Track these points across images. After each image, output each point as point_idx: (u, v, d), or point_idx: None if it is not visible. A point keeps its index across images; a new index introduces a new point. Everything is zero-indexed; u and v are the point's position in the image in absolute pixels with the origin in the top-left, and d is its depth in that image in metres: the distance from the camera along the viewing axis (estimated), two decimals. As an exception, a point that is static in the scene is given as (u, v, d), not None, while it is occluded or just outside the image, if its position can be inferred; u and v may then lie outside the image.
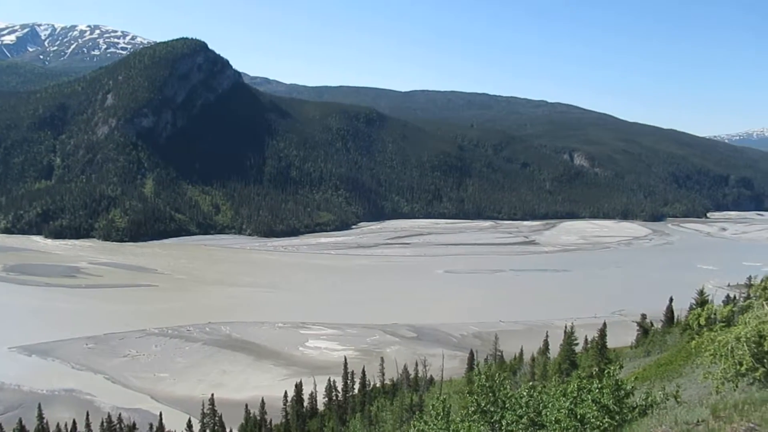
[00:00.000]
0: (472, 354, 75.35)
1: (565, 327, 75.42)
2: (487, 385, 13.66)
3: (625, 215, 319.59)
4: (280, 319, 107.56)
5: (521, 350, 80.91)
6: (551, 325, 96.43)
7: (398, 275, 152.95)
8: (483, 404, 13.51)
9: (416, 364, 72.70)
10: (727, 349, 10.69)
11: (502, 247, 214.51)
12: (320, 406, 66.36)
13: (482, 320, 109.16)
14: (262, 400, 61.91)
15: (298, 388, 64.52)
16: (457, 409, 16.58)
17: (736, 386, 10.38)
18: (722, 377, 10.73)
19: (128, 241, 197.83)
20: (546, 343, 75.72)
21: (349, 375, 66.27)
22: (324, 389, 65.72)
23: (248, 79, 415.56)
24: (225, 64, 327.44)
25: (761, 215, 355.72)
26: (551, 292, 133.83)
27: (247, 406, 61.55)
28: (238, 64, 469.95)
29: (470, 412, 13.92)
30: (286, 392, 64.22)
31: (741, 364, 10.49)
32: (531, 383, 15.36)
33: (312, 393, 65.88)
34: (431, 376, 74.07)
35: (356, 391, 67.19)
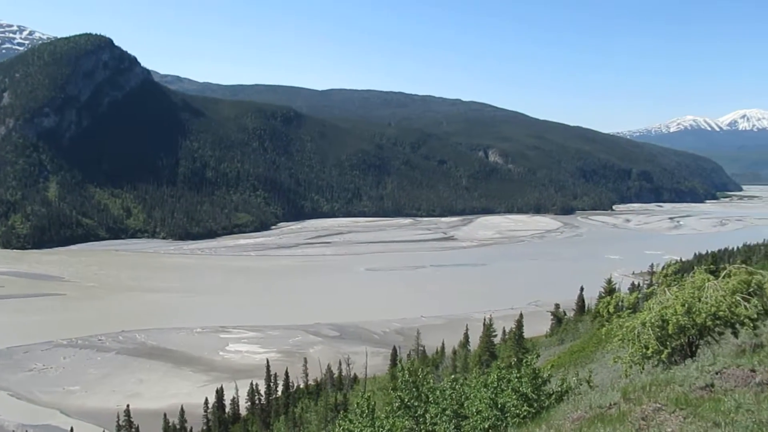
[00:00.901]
0: (395, 350, 76.02)
1: (484, 319, 77.67)
2: (410, 380, 13.82)
3: (538, 209, 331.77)
4: (199, 324, 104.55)
5: (443, 344, 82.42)
6: (471, 318, 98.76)
7: (320, 275, 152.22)
8: (407, 399, 13.65)
9: (340, 363, 72.59)
10: (634, 334, 11.31)
11: (421, 243, 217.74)
12: (243, 411, 65.05)
13: (404, 316, 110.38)
14: (182, 408, 59.92)
15: (219, 393, 63.02)
16: (382, 406, 16.68)
17: (643, 368, 11.02)
18: (630, 361, 11.36)
19: (31, 249, 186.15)
20: (466, 336, 77.44)
21: (271, 377, 65.33)
22: (246, 393, 64.43)
23: (158, 77, 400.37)
24: (133, 61, 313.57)
25: (660, 206, 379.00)
26: (470, 286, 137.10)
27: (165, 415, 59.38)
28: (146, 62, 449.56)
29: (394, 407, 14.04)
30: (206, 399, 62.54)
31: (647, 348, 11.13)
32: (453, 376, 15.67)
33: (234, 398, 64.48)
34: (355, 374, 74.23)
35: (280, 393, 66.32)
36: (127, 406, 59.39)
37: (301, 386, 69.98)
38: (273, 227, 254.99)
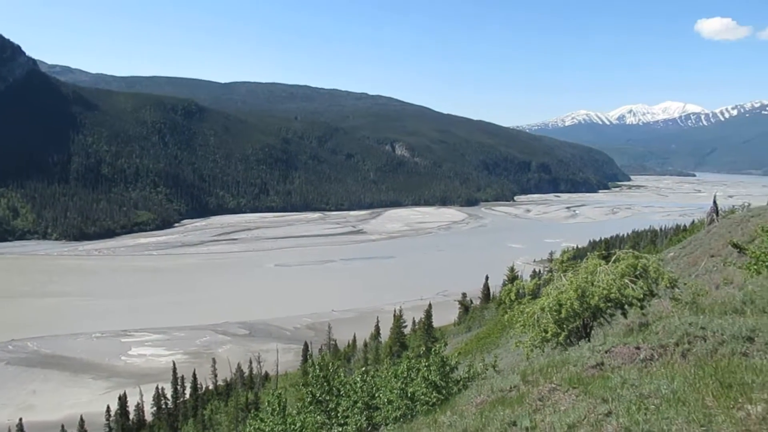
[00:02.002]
0: (306, 345, 75.69)
1: (394, 311, 78.92)
2: (321, 375, 13.85)
3: (444, 201, 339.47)
4: (98, 329, 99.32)
5: (354, 337, 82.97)
6: (381, 310, 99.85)
7: (227, 272, 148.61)
8: (318, 394, 13.68)
9: (250, 362, 71.43)
10: (534, 319, 11.88)
11: (331, 237, 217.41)
12: (149, 417, 62.61)
13: (315, 311, 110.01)
14: (81, 419, 56.83)
15: (122, 400, 60.34)
16: (294, 402, 16.61)
17: (543, 351, 11.61)
18: (531, 344, 11.93)
19: None
20: (377, 328, 78.35)
21: (178, 380, 63.28)
22: (152, 398, 62.06)
23: (45, 68, 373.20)
24: (16, 50, 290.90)
25: (558, 197, 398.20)
26: (380, 279, 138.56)
27: (63, 426, 56.14)
28: (32, 52, 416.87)
29: (306, 403, 14.04)
30: (108, 406, 59.65)
31: (546, 331, 11.73)
32: (364, 368, 15.83)
33: (139, 404, 61.90)
34: (266, 372, 73.27)
35: (188, 396, 64.38)
36: (20, 419, 55.71)
37: (210, 387, 68.30)
38: (176, 225, 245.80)
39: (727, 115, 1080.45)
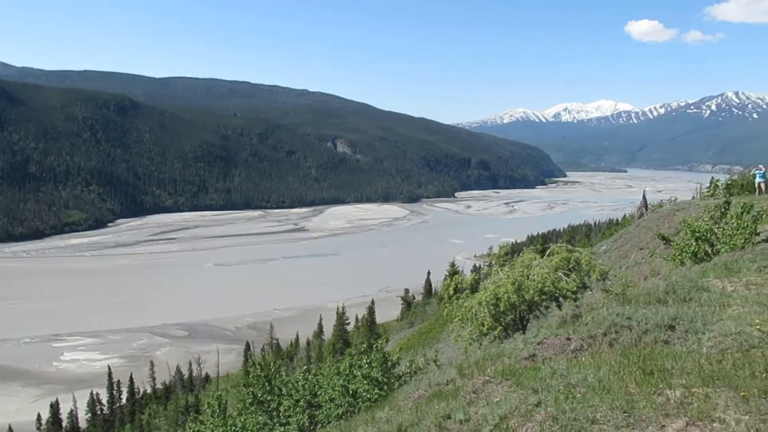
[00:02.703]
0: (248, 345, 74.71)
1: (337, 308, 78.76)
2: (263, 374, 13.75)
3: (386, 198, 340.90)
4: (27, 334, 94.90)
5: (297, 336, 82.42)
6: (324, 307, 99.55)
7: (165, 272, 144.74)
8: (259, 394, 13.58)
9: (190, 364, 69.93)
10: (472, 313, 12.13)
11: (272, 235, 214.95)
12: (83, 424, 60.40)
13: (257, 310, 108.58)
14: (9, 428, 54.31)
15: (54, 407, 58.03)
16: (235, 404, 16.39)
17: (480, 345, 11.86)
18: (469, 338, 12.18)
19: None
20: (320, 326, 78.17)
21: (114, 385, 61.30)
22: (86, 404, 59.88)
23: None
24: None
25: (497, 193, 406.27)
26: (323, 276, 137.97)
27: (-10, 438, 53.53)
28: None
29: (247, 404, 13.90)
30: (39, 414, 57.18)
31: (483, 325, 12.00)
32: (305, 367, 15.77)
33: (72, 410, 59.59)
34: (207, 373, 71.91)
35: (124, 401, 62.46)
36: (-59, 432, 52.74)
37: (149, 391, 66.48)
38: (110, 225, 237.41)
39: (655, 114, 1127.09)
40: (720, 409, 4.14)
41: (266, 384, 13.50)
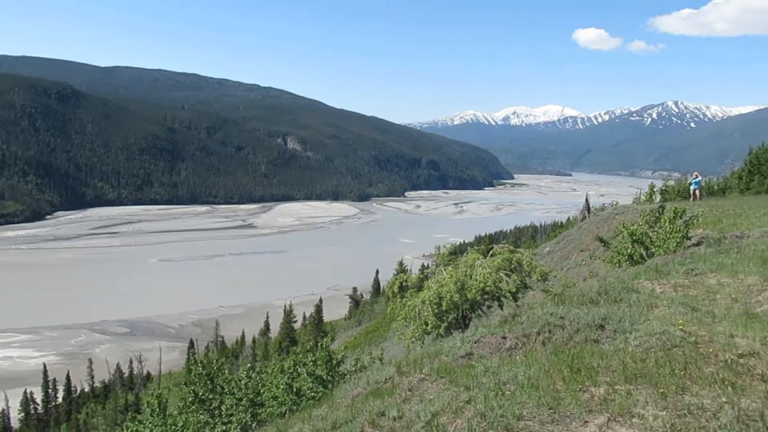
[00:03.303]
0: (192, 343, 73.35)
1: (285, 306, 78.15)
2: (205, 373, 13.56)
3: (336, 196, 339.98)
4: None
5: (243, 333, 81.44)
6: (271, 305, 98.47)
7: (106, 268, 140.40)
8: (201, 393, 13.39)
9: (131, 362, 68.17)
10: (416, 311, 12.29)
11: (219, 231, 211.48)
12: (15, 424, 58.06)
13: (202, 307, 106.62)
14: (-65, 430, 51.79)
15: (-16, 407, 55.59)
16: (176, 402, 16.10)
17: (423, 343, 12.02)
18: (412, 336, 12.33)
19: None
20: (267, 324, 77.40)
21: (50, 383, 59.18)
22: (19, 403, 57.60)
23: None
24: None
25: (446, 193, 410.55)
26: (271, 274, 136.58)
27: None
28: None
29: (188, 403, 13.67)
30: (-32, 415, 54.74)
31: (426, 324, 12.18)
32: (249, 365, 15.64)
33: (3, 410, 57.24)
34: (148, 371, 70.22)
35: (60, 399, 60.38)
36: None
37: (87, 390, 64.47)
38: (48, 217, 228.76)
39: (600, 120, 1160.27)
40: (640, 405, 4.36)
41: (208, 382, 13.32)
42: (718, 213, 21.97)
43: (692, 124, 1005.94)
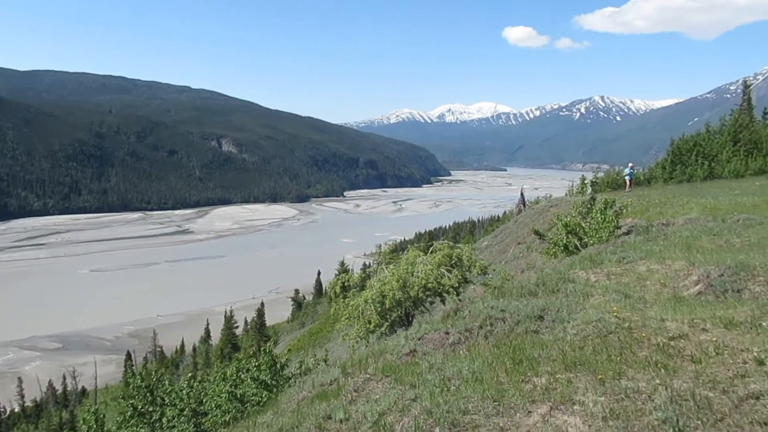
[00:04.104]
0: (129, 355, 70.91)
1: (225, 311, 76.71)
2: (143, 385, 13.14)
3: (275, 198, 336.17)
4: None
5: (182, 342, 79.47)
6: (212, 311, 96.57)
7: (34, 281, 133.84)
8: (140, 406, 12.97)
9: (64, 378, 65.36)
10: (359, 311, 12.28)
11: (154, 238, 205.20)
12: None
13: (138, 317, 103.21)
14: None
15: None
16: (115, 417, 15.56)
17: (368, 342, 12.02)
18: (356, 336, 12.31)
19: None
20: (207, 331, 75.88)
21: (-25, 406, 56.03)
22: (-59, 431, 54.32)
23: None
24: None
25: (385, 192, 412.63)
26: (210, 279, 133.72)
27: None
28: None
29: (127, 417, 13.22)
30: None
31: (370, 323, 12.19)
32: (191, 374, 15.25)
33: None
34: (83, 387, 67.51)
35: (-12, 422, 57.25)
36: None
37: (17, 410, 61.38)
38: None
39: (531, 116, 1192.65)
40: (580, 392, 4.48)
41: (148, 394, 12.92)
42: (645, 202, 22.97)
43: (618, 118, 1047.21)
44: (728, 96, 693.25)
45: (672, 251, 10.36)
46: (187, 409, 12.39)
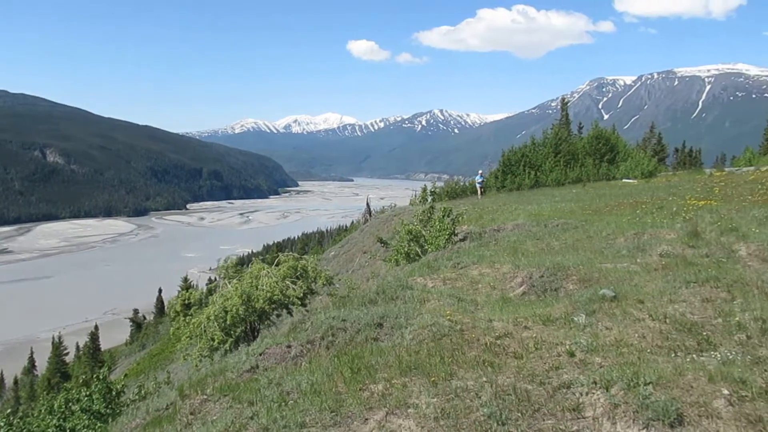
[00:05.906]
0: (-67, 395, 62.24)
1: (53, 338, 70.18)
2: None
3: (109, 212, 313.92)
4: None
5: (1, 374, 71.53)
6: (37, 339, 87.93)
7: None
8: (-55, 454, 11.55)
9: None
10: (201, 329, 11.83)
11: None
12: None
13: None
14: None
15: None
16: None
17: (212, 360, 11.61)
18: (199, 355, 11.85)
19: None
20: (31, 361, 69.09)
21: None
22: None
23: None
24: None
25: (231, 203, 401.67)
26: (34, 303, 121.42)
27: None
28: None
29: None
30: None
31: (214, 340, 11.80)
32: (10, 410, 13.74)
33: None
34: None
35: None
36: None
37: None
38: None
39: (376, 127, 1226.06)
40: (414, 395, 4.68)
41: (-48, 440, 11.50)
42: (480, 210, 24.59)
43: (456, 130, 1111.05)
44: (550, 111, 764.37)
45: (501, 255, 11.20)
46: (5, 449, 11.23)
